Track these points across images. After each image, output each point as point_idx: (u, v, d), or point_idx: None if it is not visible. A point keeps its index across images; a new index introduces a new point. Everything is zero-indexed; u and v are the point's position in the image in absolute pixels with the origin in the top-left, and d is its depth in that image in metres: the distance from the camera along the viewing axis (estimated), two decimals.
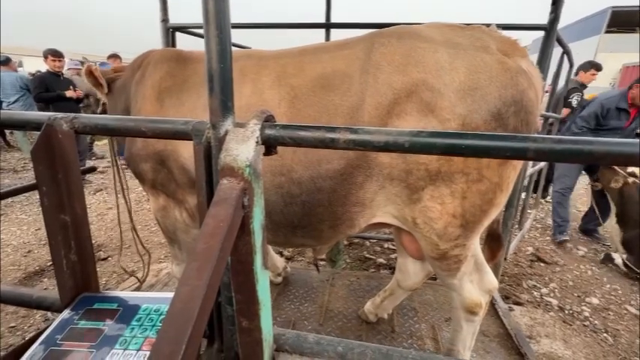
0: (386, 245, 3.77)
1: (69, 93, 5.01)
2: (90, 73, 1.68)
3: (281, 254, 3.40)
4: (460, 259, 1.29)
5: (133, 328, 0.68)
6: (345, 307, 2.29)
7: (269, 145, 0.62)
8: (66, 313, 0.74)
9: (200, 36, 2.74)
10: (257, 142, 0.56)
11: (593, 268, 3.47)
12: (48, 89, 4.94)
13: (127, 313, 0.72)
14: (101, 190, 5.42)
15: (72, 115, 0.68)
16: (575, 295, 3.00)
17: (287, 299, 2.35)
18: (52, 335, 0.68)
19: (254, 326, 0.63)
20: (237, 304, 0.63)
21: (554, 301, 2.86)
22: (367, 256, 3.55)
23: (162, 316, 0.71)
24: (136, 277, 2.59)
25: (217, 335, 0.75)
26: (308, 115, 1.17)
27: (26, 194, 4.79)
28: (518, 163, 1.21)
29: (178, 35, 2.60)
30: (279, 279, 2.49)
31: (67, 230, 0.74)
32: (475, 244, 1.35)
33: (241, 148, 0.54)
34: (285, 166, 1.20)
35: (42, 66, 5.16)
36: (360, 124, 1.12)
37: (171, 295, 0.65)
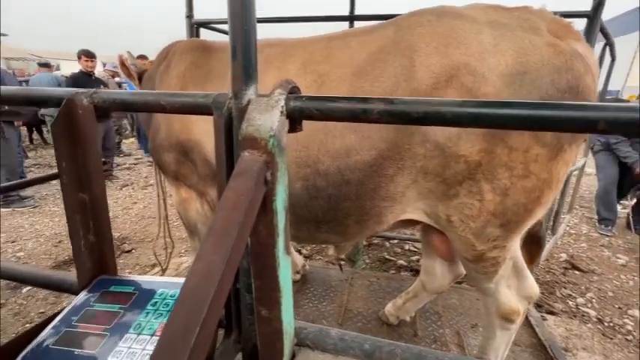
0: (407, 247, 3.65)
1: None
2: (122, 64, 1.73)
3: (300, 252, 3.36)
4: (498, 261, 1.19)
5: (148, 313, 0.65)
6: (364, 308, 2.21)
7: (294, 119, 0.56)
8: (83, 295, 0.72)
9: (223, 32, 2.77)
10: (282, 112, 0.51)
11: (635, 278, 3.19)
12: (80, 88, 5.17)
13: (142, 297, 0.69)
14: (127, 185, 5.61)
15: (92, 90, 0.66)
16: (616, 306, 2.76)
17: (305, 297, 2.30)
18: (68, 316, 0.66)
19: (274, 316, 0.58)
20: (256, 291, 0.59)
21: (592, 312, 2.65)
22: (387, 257, 3.44)
23: None
24: (161, 266, 2.65)
25: (235, 325, 0.70)
26: None
27: (58, 187, 5.04)
28: (570, 159, 1.09)
29: (202, 32, 2.63)
30: (298, 276, 2.45)
31: (85, 210, 0.72)
32: (515, 246, 1.24)
33: (264, 118, 0.49)
34: (311, 157, 1.14)
35: (77, 68, 5.41)
36: None
37: None
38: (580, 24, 1.97)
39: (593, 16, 1.91)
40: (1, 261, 0.84)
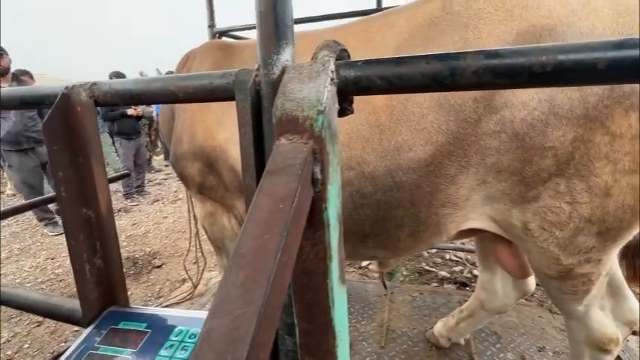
0: (447, 256, 3.35)
1: (129, 111, 5.42)
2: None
3: None
4: (591, 278, 0.95)
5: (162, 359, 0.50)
6: (409, 327, 1.97)
7: (346, 94, 0.40)
8: (88, 332, 0.59)
9: (245, 39, 2.73)
10: (332, 80, 0.35)
11: None
12: (113, 108, 5.39)
13: (156, 337, 0.55)
14: (158, 200, 5.72)
15: (90, 82, 0.54)
16: None
17: None
18: None
19: None
20: (301, 336, 0.42)
21: None
22: (427, 268, 3.17)
23: None
24: (192, 282, 2.58)
25: None
26: (384, 101, 0.94)
27: None
28: None
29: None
30: None
31: (90, 228, 0.60)
32: (613, 259, 0.99)
33: (308, 88, 0.34)
34: (354, 157, 0.97)
35: None
36: (457, 99, 0.86)
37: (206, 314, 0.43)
38: None
39: None
40: (1, 288, 0.73)
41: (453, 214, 0.96)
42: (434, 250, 3.39)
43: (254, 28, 0.45)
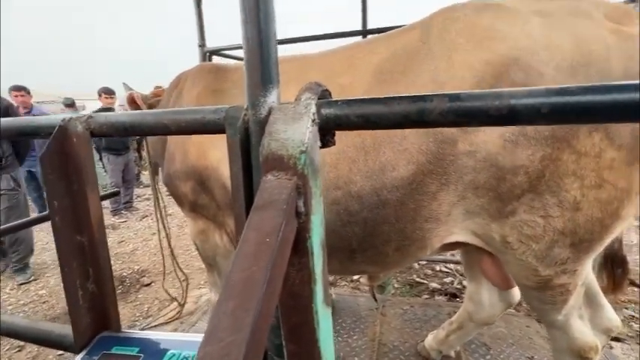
0: (438, 268, 3.39)
1: None
2: (132, 101, 1.69)
3: None
4: (568, 288, 1.00)
5: None
6: (400, 341, 1.98)
7: (326, 130, 0.44)
8: (80, 358, 0.60)
9: (235, 57, 2.78)
10: (313, 121, 0.39)
11: None
12: None
13: None
14: (147, 216, 5.63)
15: (87, 114, 0.57)
16: None
17: (333, 331, 2.10)
18: None
19: None
20: (289, 357, 0.44)
21: None
22: (418, 280, 3.19)
23: None
24: (178, 302, 2.54)
25: None
26: None
27: None
28: None
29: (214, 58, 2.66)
30: None
31: (84, 255, 0.61)
32: (588, 270, 1.04)
33: (292, 129, 0.38)
34: (342, 177, 1.01)
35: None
36: None
37: (199, 338, 0.46)
38: None
39: None
40: None
41: (436, 228, 1.00)
42: (424, 262, 3.42)
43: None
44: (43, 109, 5.83)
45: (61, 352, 2.54)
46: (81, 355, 0.61)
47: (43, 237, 4.79)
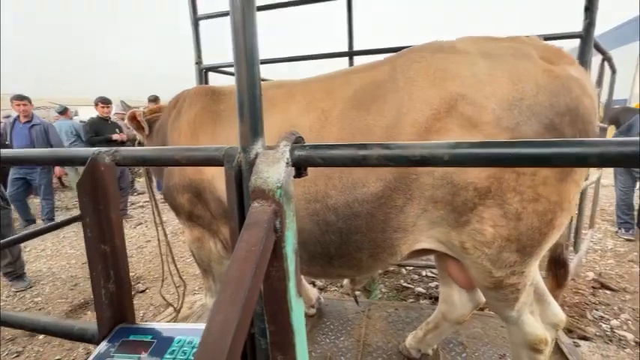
0: (424, 273, 3.55)
1: (115, 136, 5.50)
2: (133, 118, 1.83)
3: (314, 284, 3.30)
4: (518, 287, 1.16)
5: None
6: (384, 342, 2.13)
7: (299, 166, 0.60)
8: (103, 345, 0.74)
9: (231, 74, 2.95)
10: (287, 164, 0.55)
11: None
12: (97, 133, 5.47)
13: (160, 345, 0.70)
14: (141, 223, 5.71)
15: (114, 148, 0.72)
16: None
17: (322, 332, 2.23)
18: None
19: (290, 359, 0.58)
20: (270, 336, 0.59)
21: (629, 336, 2.48)
22: (404, 284, 3.35)
23: (194, 349, 0.68)
24: (174, 307, 2.64)
25: None
26: (341, 139, 1.16)
27: (75, 230, 5.17)
28: (580, 179, 1.09)
29: (210, 75, 2.81)
30: (313, 310, 2.40)
31: (106, 260, 0.76)
32: (535, 271, 1.21)
33: (271, 170, 0.53)
34: (320, 192, 1.17)
35: (94, 113, 5.77)
36: None
37: (203, 326, 0.62)
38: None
39: (585, 36, 1.97)
40: (15, 312, 0.87)
41: (404, 237, 1.16)
42: (411, 268, 3.58)
43: None
44: (40, 117, 5.91)
45: (58, 356, 2.62)
46: (104, 342, 0.75)
47: (38, 244, 4.84)
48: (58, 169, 6.18)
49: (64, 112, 6.90)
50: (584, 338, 2.42)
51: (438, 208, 1.09)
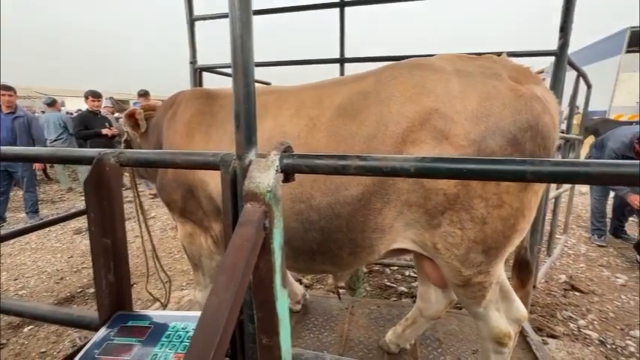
0: (407, 273, 3.67)
1: (104, 130, 5.45)
2: (131, 116, 1.87)
3: (300, 282, 3.39)
4: (485, 286, 1.27)
5: (162, 345, 0.73)
6: (365, 337, 2.23)
7: (287, 173, 0.68)
8: (103, 330, 0.80)
9: (225, 74, 3.00)
10: (277, 171, 0.63)
11: (636, 297, 3.20)
12: (87, 127, 5.41)
13: (157, 330, 0.77)
14: (130, 219, 5.68)
15: (118, 150, 0.79)
16: (618, 327, 2.77)
17: (306, 328, 2.32)
18: (91, 350, 0.74)
19: (274, 343, 0.66)
20: (258, 322, 0.68)
21: (594, 334, 2.65)
22: (388, 284, 3.46)
23: (189, 334, 0.76)
24: (160, 302, 2.67)
25: (239, 353, 0.78)
26: (327, 145, 1.24)
27: (61, 224, 5.11)
28: (540, 188, 1.20)
29: (204, 75, 2.86)
30: (299, 307, 2.48)
31: (108, 253, 0.82)
32: (500, 271, 1.32)
33: (263, 176, 0.61)
34: (305, 193, 1.26)
35: (82, 105, 5.70)
36: (376, 152, 1.18)
37: (196, 314, 0.71)
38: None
39: (560, 54, 2.11)
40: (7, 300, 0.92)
41: (382, 237, 1.25)
42: (395, 268, 3.70)
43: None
44: (24, 108, 5.80)
45: (44, 349, 2.63)
46: (104, 328, 0.81)
47: (22, 237, 4.77)
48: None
49: (52, 104, 6.78)
50: (553, 336, 2.58)
51: (412, 211, 1.19)
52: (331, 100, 1.32)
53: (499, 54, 1.33)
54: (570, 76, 2.48)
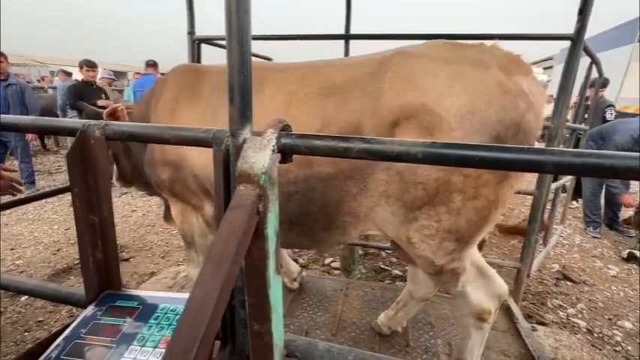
0: None
1: (100, 102, 5.29)
2: (113, 114, 1.72)
3: (296, 261, 3.41)
4: (458, 271, 1.30)
5: (150, 326, 0.71)
6: (358, 318, 2.25)
7: (285, 154, 0.64)
8: (90, 309, 0.78)
9: (224, 47, 2.87)
10: (273, 151, 0.58)
11: (626, 289, 3.25)
12: (82, 98, 5.25)
13: (146, 311, 0.75)
14: (126, 193, 5.66)
15: (104, 122, 0.73)
16: (606, 317, 2.82)
17: (300, 307, 2.34)
18: (77, 329, 0.72)
19: (265, 330, 0.64)
20: (249, 308, 0.65)
21: (582, 323, 2.70)
22: (383, 267, 3.50)
23: (178, 316, 0.73)
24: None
25: (230, 338, 0.76)
26: (300, 123, 1.20)
27: (59, 195, 5.09)
28: (516, 183, 1.20)
29: (203, 47, 2.73)
30: (296, 284, 2.49)
31: (94, 230, 0.78)
32: (473, 254, 1.35)
33: (258, 156, 0.56)
34: (282, 167, 1.23)
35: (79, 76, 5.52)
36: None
37: (186, 296, 0.67)
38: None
39: (576, 39, 2.00)
40: (5, 275, 0.90)
41: (355, 223, 1.26)
42: (390, 251, 3.73)
43: None
44: (17, 76, 5.62)
45: (41, 318, 2.67)
46: (91, 306, 0.79)
47: (19, 207, 4.75)
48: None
49: (69, 73, 6.62)
50: (542, 324, 2.62)
51: (389, 203, 1.18)
52: (314, 77, 1.30)
53: (507, 36, 1.27)
54: (581, 64, 2.38)
